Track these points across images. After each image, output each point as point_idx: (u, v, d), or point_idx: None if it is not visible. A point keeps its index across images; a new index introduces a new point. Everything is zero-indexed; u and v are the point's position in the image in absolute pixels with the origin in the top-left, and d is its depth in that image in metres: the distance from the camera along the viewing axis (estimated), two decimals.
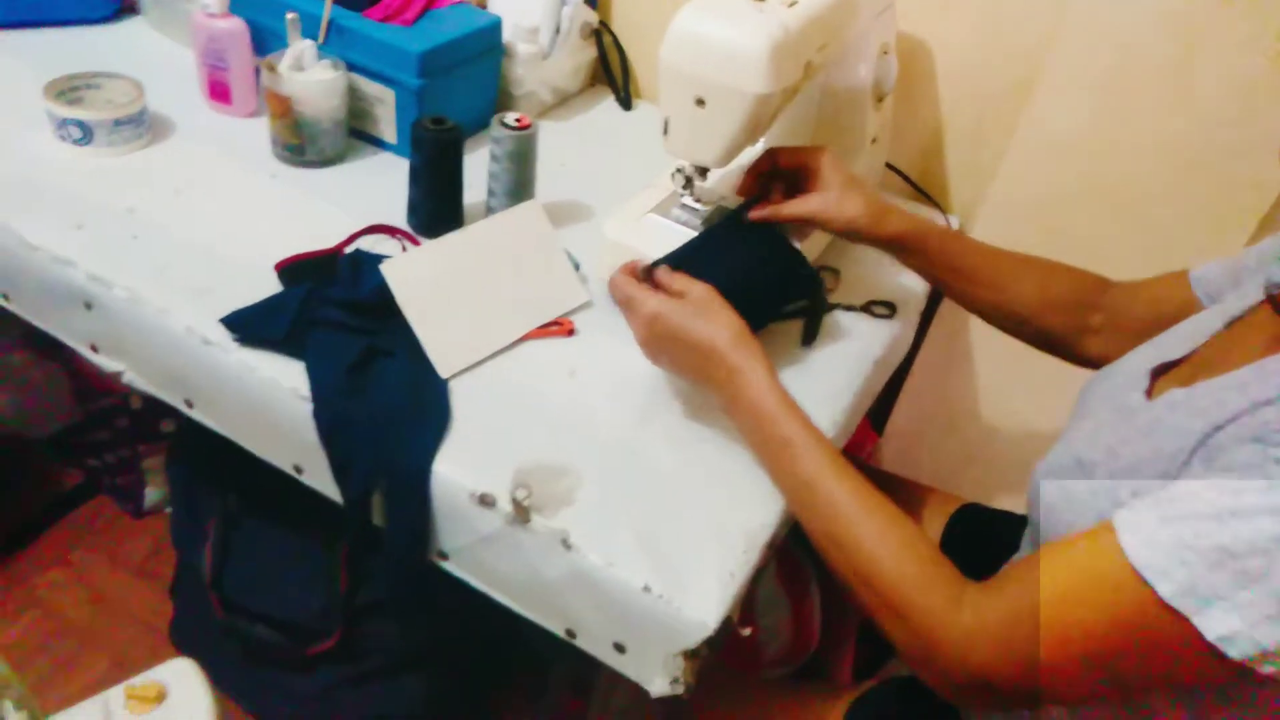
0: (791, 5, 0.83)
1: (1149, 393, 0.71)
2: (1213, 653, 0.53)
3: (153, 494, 1.62)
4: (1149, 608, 0.54)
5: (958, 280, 0.93)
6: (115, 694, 0.92)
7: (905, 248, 0.92)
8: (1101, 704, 0.68)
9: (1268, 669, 0.52)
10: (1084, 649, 0.57)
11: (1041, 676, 0.58)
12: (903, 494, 1.17)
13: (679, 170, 0.95)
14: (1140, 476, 0.62)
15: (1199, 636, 0.53)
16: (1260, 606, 0.51)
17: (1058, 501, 0.68)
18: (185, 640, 1.38)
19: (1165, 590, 0.53)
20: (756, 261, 0.89)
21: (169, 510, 1.62)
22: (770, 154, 0.94)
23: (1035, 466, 0.74)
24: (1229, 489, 0.54)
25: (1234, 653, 0.52)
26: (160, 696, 0.93)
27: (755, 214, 0.90)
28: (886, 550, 0.66)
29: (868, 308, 1.04)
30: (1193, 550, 0.53)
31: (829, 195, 0.90)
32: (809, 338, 0.97)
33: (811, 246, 1.01)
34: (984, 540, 1.00)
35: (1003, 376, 1.32)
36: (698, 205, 0.95)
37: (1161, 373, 0.72)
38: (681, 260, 0.84)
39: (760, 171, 0.95)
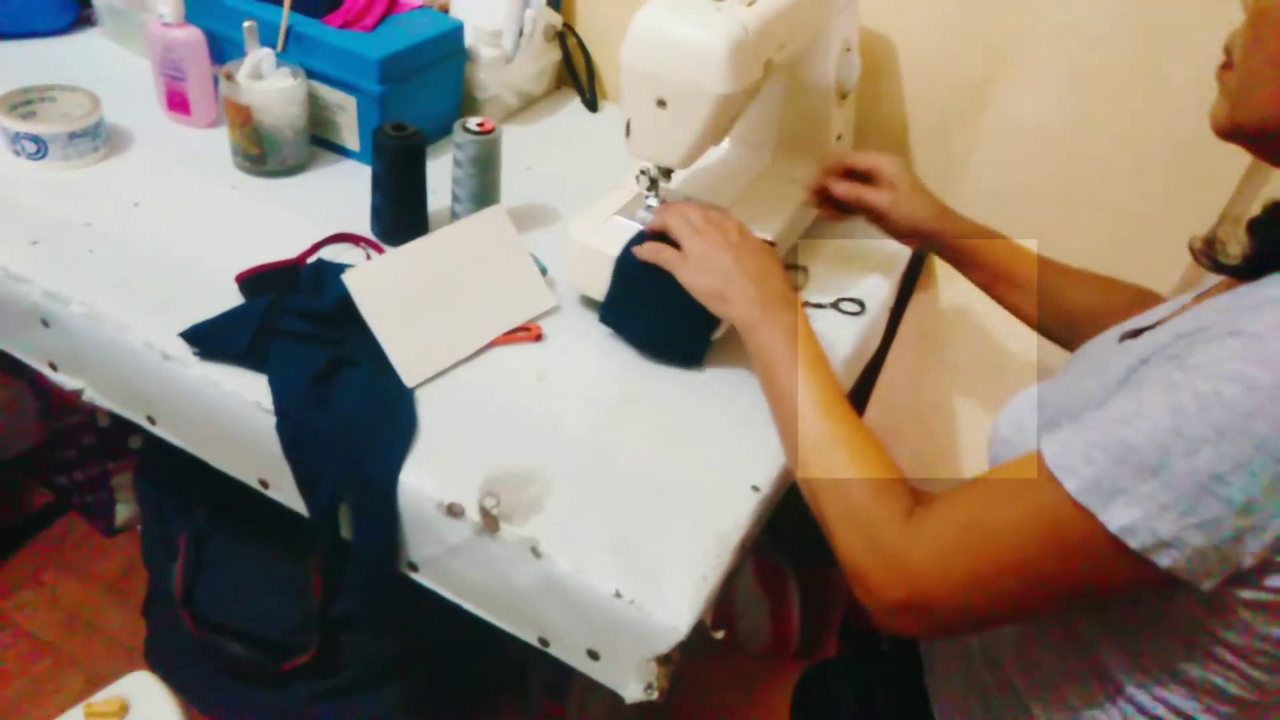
0: (750, 4, 0.83)
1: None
2: (1118, 547, 0.56)
3: (124, 511, 1.60)
4: (1061, 506, 0.57)
5: (1014, 291, 0.98)
6: (75, 714, 0.91)
7: (964, 256, 0.98)
8: (1039, 637, 0.72)
9: (1165, 561, 0.55)
10: (1005, 554, 0.60)
11: (968, 587, 0.61)
12: None
13: (643, 172, 0.94)
14: (1084, 408, 0.64)
15: (1104, 531, 0.56)
16: (1157, 497, 0.54)
17: (1011, 435, 0.72)
18: (159, 658, 1.36)
19: (1072, 486, 0.57)
20: None
21: (140, 527, 1.60)
22: (842, 156, 1.02)
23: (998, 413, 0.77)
24: (1136, 396, 0.58)
25: (1134, 543, 0.55)
26: (122, 710, 0.92)
27: (840, 189, 0.99)
28: (854, 461, 0.70)
29: (836, 305, 1.04)
30: (1099, 449, 0.57)
31: (898, 194, 0.98)
32: None
33: (780, 242, 1.01)
34: None
35: (975, 372, 1.32)
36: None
37: (1130, 337, 0.75)
38: (636, 243, 0.89)
39: (831, 173, 1.01)
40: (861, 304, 1.04)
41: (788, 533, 1.22)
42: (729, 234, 0.85)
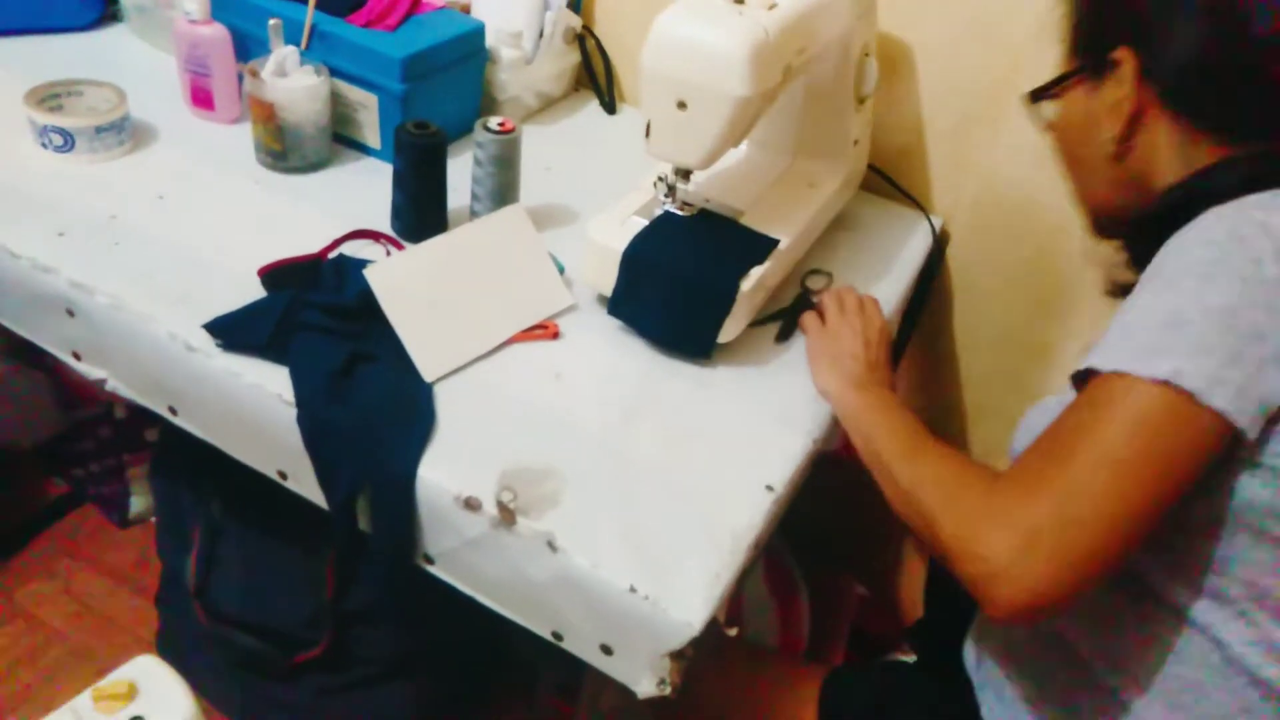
0: (771, 8, 0.84)
1: None
2: (1175, 399, 0.61)
3: (138, 503, 1.62)
4: (1114, 385, 0.63)
5: None
6: (83, 699, 0.91)
7: None
8: (1113, 616, 0.73)
9: (1218, 401, 0.60)
10: (1085, 452, 0.63)
11: (1067, 496, 0.62)
12: None
13: (661, 178, 0.95)
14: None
15: (1156, 385, 0.61)
16: (1188, 344, 0.61)
17: (1034, 417, 0.76)
18: (171, 649, 1.37)
19: (1111, 365, 0.63)
20: (712, 233, 0.95)
21: (154, 519, 1.61)
22: None
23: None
24: (1131, 305, 0.66)
25: (1187, 384, 0.60)
26: (131, 693, 0.92)
27: None
28: (941, 461, 0.75)
29: None
30: (1123, 330, 0.65)
31: None
32: (784, 334, 0.98)
33: (797, 245, 1.01)
34: None
35: (987, 376, 1.33)
36: (680, 212, 0.96)
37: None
38: (644, 236, 0.91)
39: None
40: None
41: (798, 536, 1.23)
42: (869, 328, 0.94)
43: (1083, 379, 0.67)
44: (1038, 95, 0.86)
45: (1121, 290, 0.79)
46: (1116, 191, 0.82)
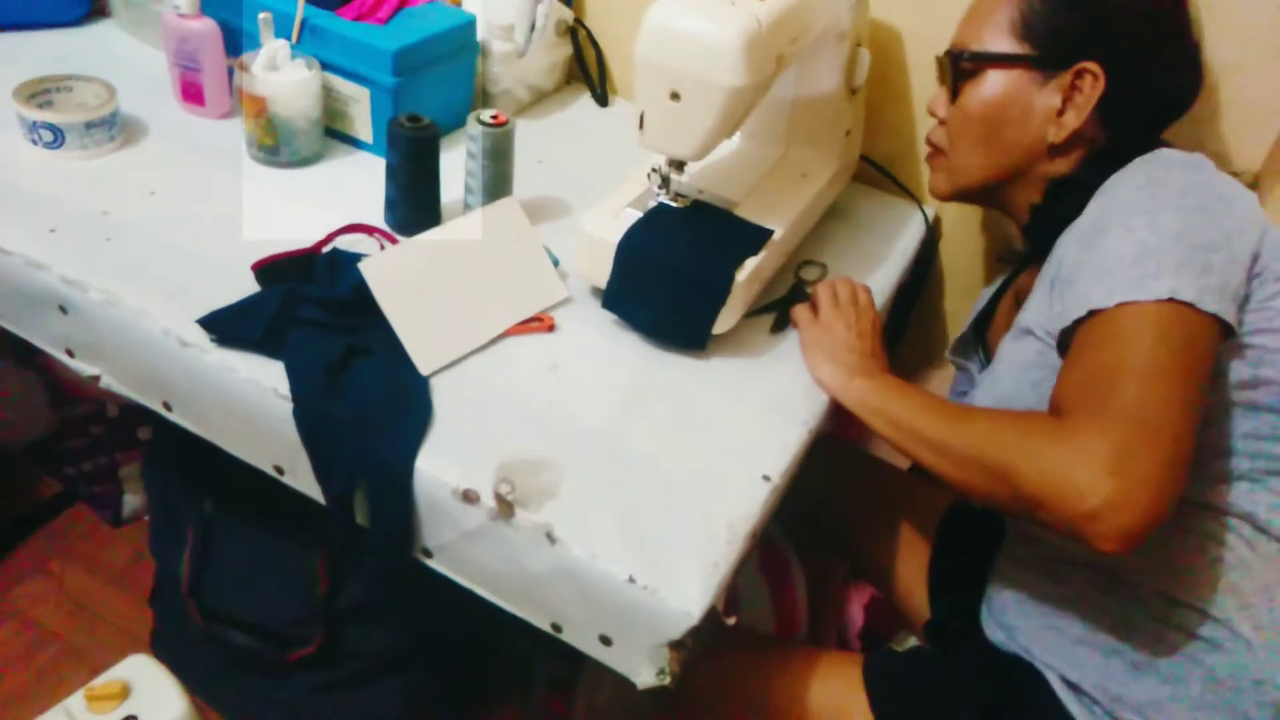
0: None
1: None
2: (1179, 312, 0.69)
3: (131, 502, 1.61)
4: (1123, 318, 0.70)
5: None
6: (76, 699, 0.91)
7: None
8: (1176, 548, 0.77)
9: (1210, 305, 0.69)
10: (1130, 368, 0.68)
11: (1131, 408, 0.66)
12: (896, 485, 1.18)
13: (654, 170, 0.95)
14: (1042, 318, 0.82)
15: (1161, 304, 0.69)
16: (1169, 263, 0.70)
17: (1003, 385, 0.86)
18: (166, 648, 1.36)
19: (1120, 298, 0.70)
20: (706, 224, 0.96)
21: (147, 518, 1.60)
22: None
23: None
24: (1112, 235, 0.74)
25: (1187, 295, 0.69)
26: (124, 693, 0.92)
27: None
28: (988, 420, 0.76)
29: None
30: (1111, 265, 0.72)
31: None
32: (779, 325, 0.98)
33: (790, 236, 1.01)
34: (978, 533, 1.01)
35: None
36: (674, 204, 0.96)
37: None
38: (638, 229, 0.91)
39: None
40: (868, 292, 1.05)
41: (793, 520, 1.23)
42: (862, 319, 0.95)
43: (1073, 329, 0.74)
44: (967, 59, 0.90)
45: (1011, 256, 0.96)
46: (1011, 171, 0.90)
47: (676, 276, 0.89)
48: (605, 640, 0.74)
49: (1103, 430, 0.65)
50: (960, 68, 0.90)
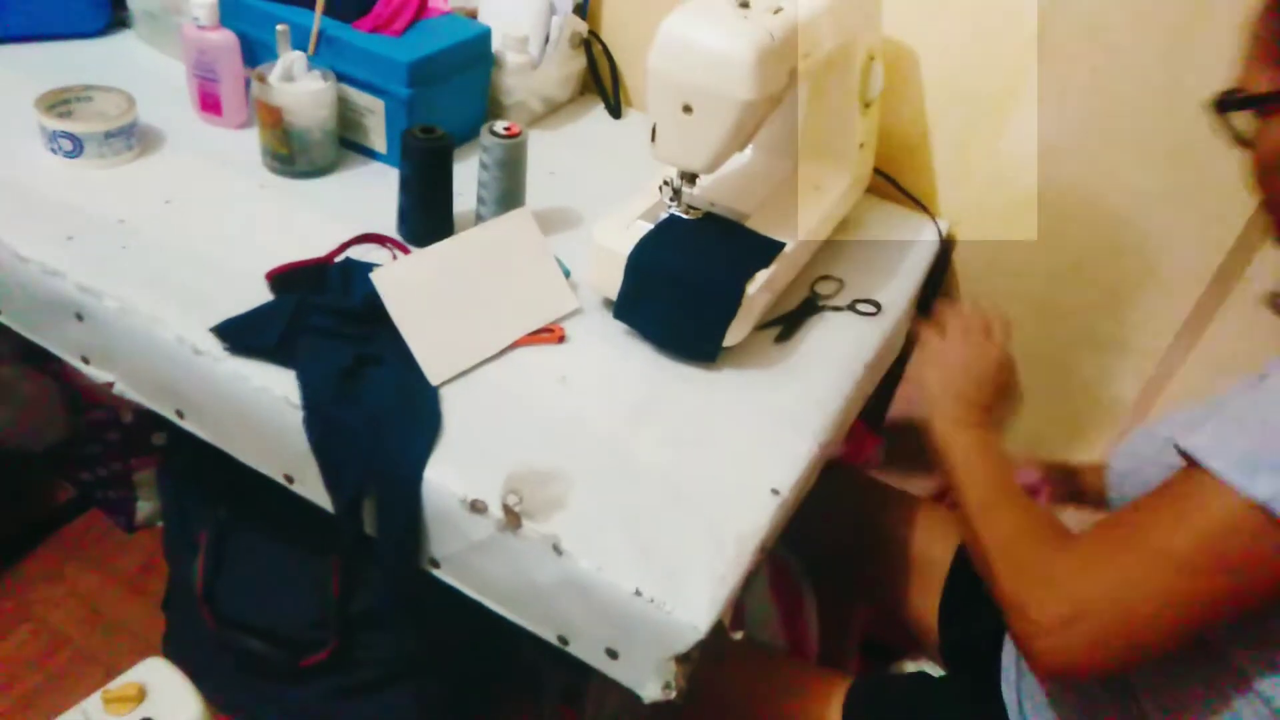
0: (777, 12, 0.84)
1: None
2: (1267, 522, 0.57)
3: (144, 507, 1.62)
4: (1208, 487, 0.59)
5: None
6: (93, 701, 0.92)
7: None
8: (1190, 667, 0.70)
9: None
10: (1154, 543, 0.61)
11: (1123, 585, 0.62)
12: (911, 509, 1.17)
13: (666, 182, 0.95)
14: (1199, 416, 0.68)
15: (1252, 504, 0.57)
16: None
17: (1129, 468, 0.74)
18: (178, 653, 1.37)
19: (1219, 465, 0.59)
20: (718, 236, 0.96)
21: (161, 524, 1.61)
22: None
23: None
24: (1270, 388, 0.62)
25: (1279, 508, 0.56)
26: (140, 695, 0.93)
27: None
28: (1024, 515, 0.75)
29: (853, 306, 1.04)
30: (1238, 424, 0.60)
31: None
32: (784, 336, 0.98)
33: (803, 249, 1.01)
34: None
35: None
36: (685, 216, 0.96)
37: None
38: (649, 240, 0.91)
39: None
40: (878, 305, 1.05)
41: (809, 551, 1.23)
42: (984, 360, 0.90)
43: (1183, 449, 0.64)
44: (1236, 106, 0.73)
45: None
46: None
47: (687, 288, 0.89)
48: (611, 653, 0.74)
49: (1087, 579, 0.64)
50: (1221, 117, 0.75)
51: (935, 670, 1.07)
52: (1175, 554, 0.60)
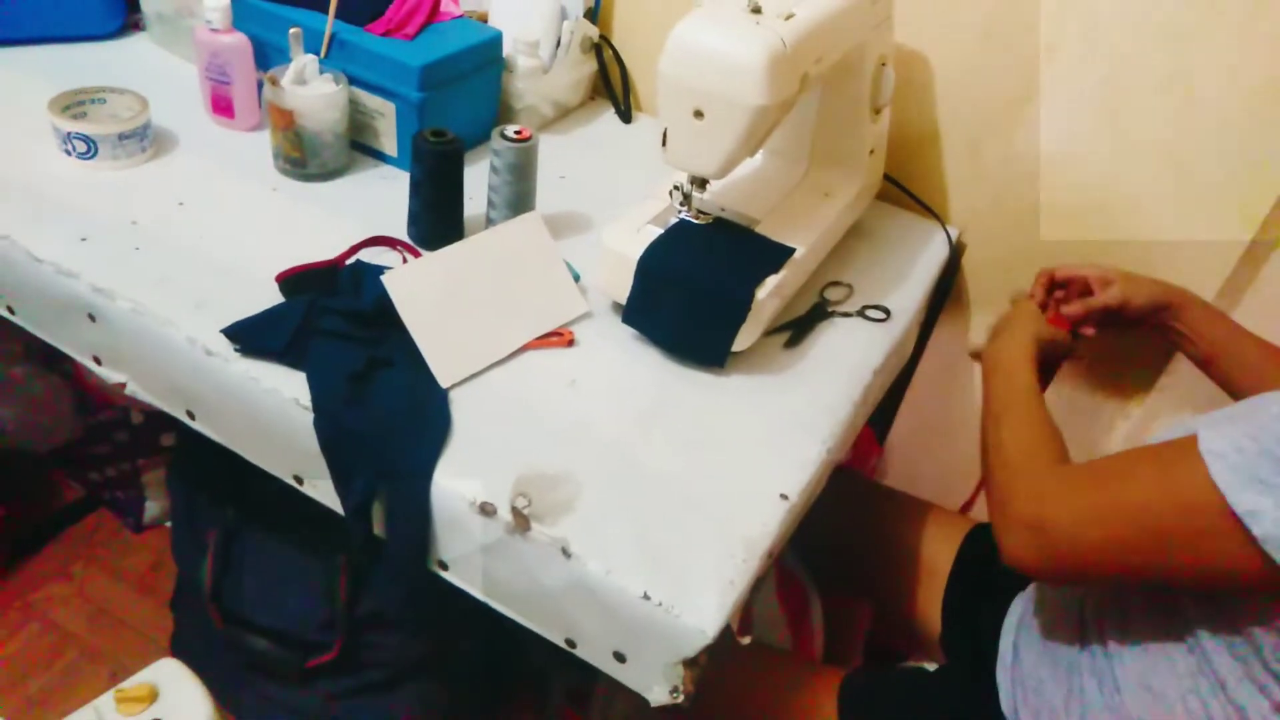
0: (788, 18, 0.84)
1: None
2: (1239, 531, 0.60)
3: (153, 508, 1.63)
4: (1198, 481, 0.62)
5: (1220, 358, 0.98)
6: (105, 700, 0.92)
7: (1177, 313, 1.00)
8: (1160, 660, 0.74)
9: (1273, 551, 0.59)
10: (1130, 498, 0.67)
11: (1088, 520, 0.69)
12: (914, 513, 1.17)
13: (676, 187, 0.96)
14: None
15: (1231, 513, 0.60)
16: None
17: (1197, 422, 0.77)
18: (185, 653, 1.37)
19: (1216, 468, 0.62)
20: (727, 241, 0.96)
21: (169, 523, 1.62)
22: (1048, 273, 1.07)
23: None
24: None
25: (1257, 530, 0.59)
26: (152, 696, 0.93)
27: (1067, 310, 1.04)
28: (1030, 425, 0.83)
29: (862, 312, 1.04)
30: (1251, 439, 0.61)
31: (1123, 284, 1.01)
32: (794, 341, 0.98)
33: (812, 254, 1.01)
34: (993, 563, 1.00)
35: None
36: (695, 221, 0.96)
37: None
38: (659, 245, 0.92)
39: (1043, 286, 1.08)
40: (887, 311, 1.05)
41: (814, 552, 1.23)
42: (1037, 320, 0.99)
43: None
44: None
45: None
46: None
47: (696, 293, 0.89)
48: (619, 656, 0.74)
49: (1062, 501, 0.72)
50: None
51: (933, 667, 1.07)
52: (1145, 515, 0.66)
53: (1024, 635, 0.89)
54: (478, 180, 1.05)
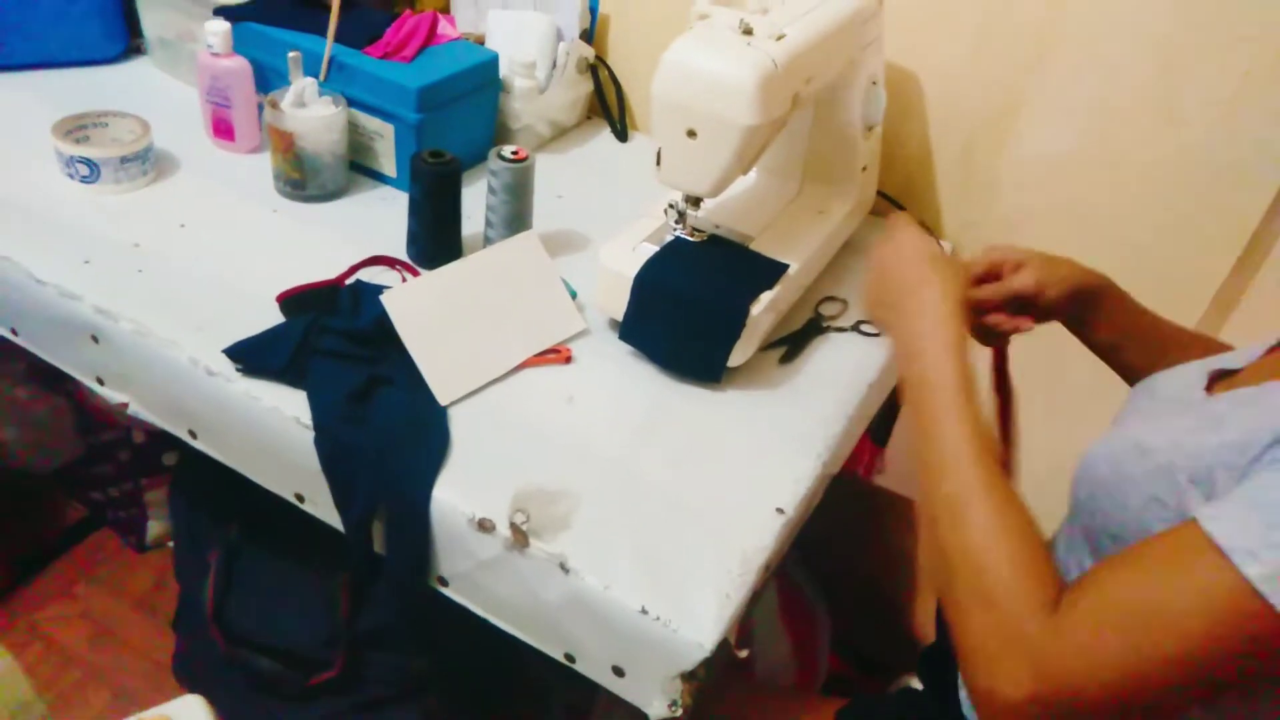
0: (779, 39, 0.86)
1: (1208, 390, 0.73)
2: (1259, 598, 0.52)
3: (155, 527, 1.63)
4: (1238, 593, 0.53)
5: (1128, 344, 0.91)
6: None
7: (1094, 300, 0.90)
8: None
9: None
10: (1169, 644, 0.54)
11: (1129, 684, 0.55)
12: (912, 517, 1.17)
13: (671, 205, 0.97)
14: (1203, 464, 0.61)
15: (1240, 580, 0.52)
16: None
17: (1110, 479, 0.68)
18: (188, 673, 1.38)
19: (1254, 572, 0.52)
20: (722, 258, 0.97)
21: (172, 543, 1.62)
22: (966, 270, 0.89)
23: (1087, 450, 0.73)
24: None
25: (1276, 600, 0.51)
26: None
27: (974, 294, 0.88)
28: (1002, 531, 0.62)
29: (856, 327, 1.05)
30: (1268, 515, 0.53)
31: (1040, 267, 0.88)
32: (789, 356, 0.99)
33: (807, 270, 1.02)
34: None
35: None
36: (690, 238, 0.97)
37: (1218, 379, 0.74)
38: (654, 262, 0.92)
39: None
40: None
41: (820, 567, 1.23)
42: (904, 272, 0.79)
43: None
44: None
45: None
46: None
47: (692, 309, 0.90)
48: (618, 671, 0.75)
49: (1070, 661, 0.56)
50: None
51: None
52: (1191, 656, 0.54)
53: None
54: (476, 200, 1.06)
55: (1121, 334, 0.91)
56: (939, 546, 0.65)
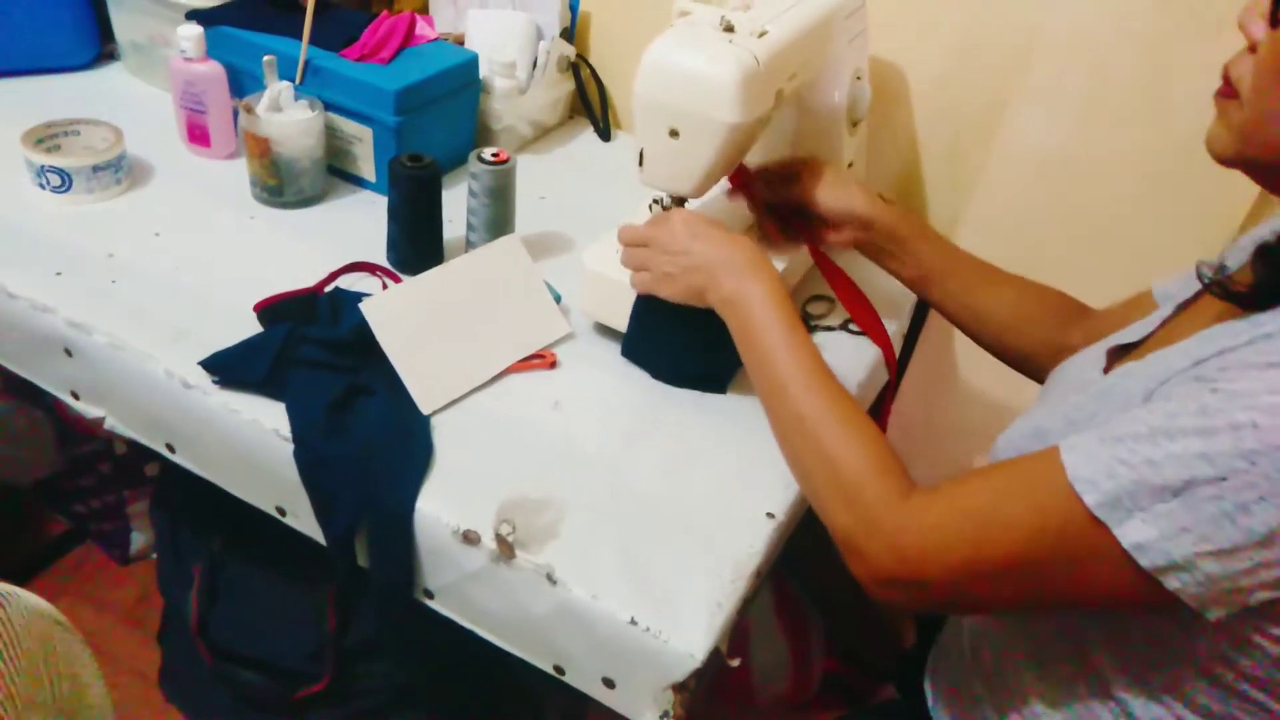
0: (761, 35, 0.84)
1: (1106, 370, 0.75)
2: (1127, 562, 0.56)
3: (139, 539, 1.61)
4: (1075, 516, 0.57)
5: (936, 278, 0.95)
6: None
7: (894, 236, 0.95)
8: (1053, 670, 0.70)
9: (1174, 583, 0.55)
10: (1010, 550, 0.60)
11: (967, 574, 0.62)
12: None
13: (655, 201, 0.95)
14: (1080, 422, 0.66)
15: (1117, 545, 0.56)
16: (1175, 519, 0.54)
17: (1019, 440, 0.72)
18: (174, 687, 1.36)
19: (1091, 500, 0.56)
20: None
21: (155, 556, 1.60)
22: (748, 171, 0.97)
23: (995, 441, 0.77)
24: (1163, 411, 0.56)
25: (1144, 561, 0.55)
26: None
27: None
28: (852, 435, 0.71)
29: (845, 326, 1.04)
30: (1124, 465, 0.56)
31: (829, 186, 0.94)
32: None
33: (794, 270, 1.01)
34: None
35: (990, 395, 1.32)
36: None
37: (1118, 355, 0.75)
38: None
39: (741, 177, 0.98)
40: None
41: (815, 572, 1.22)
42: (675, 234, 0.85)
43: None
44: None
45: (1223, 291, 0.64)
46: None
47: (699, 322, 0.86)
48: (608, 682, 0.74)
49: (921, 542, 0.63)
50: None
51: None
52: (1027, 564, 0.60)
53: (940, 678, 0.87)
54: (457, 203, 1.04)
55: (924, 269, 0.95)
56: (795, 459, 0.75)
